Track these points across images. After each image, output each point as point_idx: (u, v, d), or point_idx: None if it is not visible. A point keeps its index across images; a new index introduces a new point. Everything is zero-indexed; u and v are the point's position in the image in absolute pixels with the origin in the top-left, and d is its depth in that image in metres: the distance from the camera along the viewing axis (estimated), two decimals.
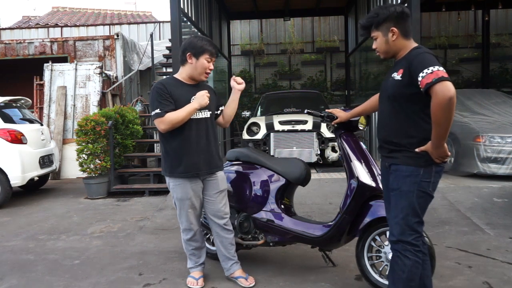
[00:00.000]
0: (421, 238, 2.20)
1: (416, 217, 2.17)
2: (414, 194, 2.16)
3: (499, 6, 10.39)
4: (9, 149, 5.80)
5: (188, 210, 2.85)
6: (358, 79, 10.83)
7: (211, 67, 2.82)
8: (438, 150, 2.08)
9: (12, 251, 3.89)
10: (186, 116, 2.71)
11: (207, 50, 2.77)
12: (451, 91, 1.94)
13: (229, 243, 2.98)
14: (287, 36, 12.70)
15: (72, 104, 8.36)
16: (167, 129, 2.71)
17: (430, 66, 2.01)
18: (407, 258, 2.17)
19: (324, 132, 6.84)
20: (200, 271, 3.01)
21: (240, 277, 2.95)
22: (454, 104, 1.96)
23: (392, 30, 2.19)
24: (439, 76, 1.97)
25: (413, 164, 2.16)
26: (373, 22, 2.26)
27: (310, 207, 4.77)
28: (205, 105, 2.77)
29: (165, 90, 2.75)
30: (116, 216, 5.07)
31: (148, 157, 7.82)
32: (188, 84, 2.85)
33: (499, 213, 4.38)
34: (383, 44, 2.26)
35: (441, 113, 1.97)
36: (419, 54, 2.10)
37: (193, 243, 2.96)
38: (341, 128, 2.86)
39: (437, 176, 2.18)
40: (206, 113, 2.85)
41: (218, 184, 2.92)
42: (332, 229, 2.81)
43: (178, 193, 2.84)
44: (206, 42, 2.81)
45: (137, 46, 10.10)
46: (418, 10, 5.57)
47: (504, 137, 5.61)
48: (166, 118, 2.68)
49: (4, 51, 9.31)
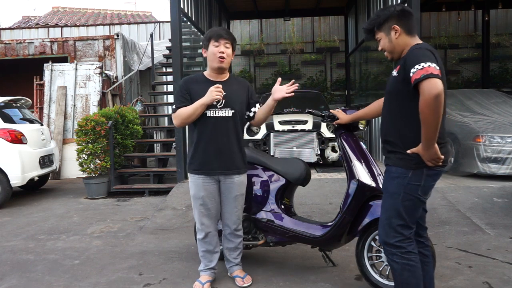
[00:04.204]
0: (407, 241, 2.13)
1: (400, 219, 2.12)
2: (400, 196, 2.11)
3: (499, 6, 10.39)
4: (9, 149, 5.80)
5: (200, 209, 2.82)
6: (358, 79, 10.82)
7: (221, 49, 2.71)
8: (428, 152, 2.00)
9: (12, 251, 3.89)
10: (193, 111, 2.67)
11: (211, 35, 2.75)
12: (437, 89, 1.88)
13: (235, 247, 2.96)
14: (287, 36, 12.70)
15: (72, 104, 8.36)
16: (178, 124, 2.74)
17: (422, 62, 1.95)
18: (394, 262, 2.15)
19: (324, 132, 6.84)
20: (208, 276, 2.93)
21: (237, 277, 2.95)
22: (441, 103, 1.91)
23: (394, 27, 2.18)
24: (428, 72, 1.91)
25: (402, 166, 2.12)
26: (375, 24, 2.26)
27: (310, 207, 4.77)
28: (213, 101, 2.66)
29: (184, 86, 2.77)
30: (116, 216, 5.07)
31: (148, 157, 7.82)
32: (212, 81, 2.78)
33: (499, 213, 4.38)
34: (387, 44, 2.24)
35: (427, 111, 1.91)
36: (414, 50, 2.07)
37: (204, 244, 2.90)
38: (341, 128, 2.86)
39: (429, 180, 2.10)
40: (227, 111, 2.75)
41: (233, 188, 2.83)
42: (332, 229, 2.81)
43: (191, 189, 2.85)
44: (211, 29, 2.81)
45: (137, 46, 10.10)
46: (418, 10, 5.58)
47: (504, 137, 5.61)
48: (178, 114, 2.72)
49: (4, 51, 9.31)
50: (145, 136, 7.76)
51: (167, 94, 9.24)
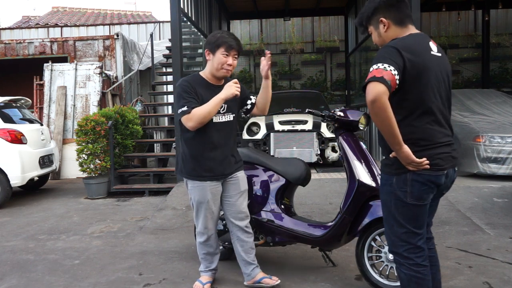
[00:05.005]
0: (416, 251, 2.00)
1: (401, 227, 1.99)
2: (392, 203, 2.00)
3: (499, 6, 10.38)
4: (9, 149, 5.79)
5: (206, 213, 2.75)
6: (358, 79, 10.82)
7: (229, 61, 2.63)
8: (399, 156, 1.89)
9: (12, 251, 3.89)
10: (213, 109, 2.55)
11: (223, 43, 2.60)
12: (373, 94, 1.76)
13: (250, 247, 2.87)
14: (287, 36, 12.70)
15: (72, 104, 8.36)
16: (195, 126, 2.55)
17: (375, 64, 1.84)
18: (402, 272, 2.03)
19: (324, 132, 6.84)
20: (209, 276, 2.92)
21: (264, 278, 2.85)
22: (381, 108, 1.77)
23: (382, 21, 2.02)
24: (372, 76, 1.80)
25: (385, 172, 2.03)
26: (363, 18, 2.11)
27: (310, 207, 4.77)
28: (232, 96, 2.58)
29: (190, 86, 2.63)
30: (116, 216, 5.07)
31: (148, 157, 7.82)
32: (212, 84, 2.72)
33: (499, 213, 4.38)
34: (377, 38, 2.10)
35: (371, 115, 1.82)
36: (381, 49, 1.93)
37: (206, 247, 2.86)
38: (341, 128, 2.86)
39: (418, 185, 1.93)
40: (229, 116, 2.74)
41: (239, 185, 2.82)
42: (332, 229, 2.81)
43: (196, 195, 2.74)
44: (223, 35, 2.64)
45: (137, 46, 10.10)
46: (418, 10, 5.58)
47: (504, 137, 5.61)
48: (193, 115, 2.53)
49: (4, 51, 9.31)
50: (145, 136, 7.76)
51: (167, 94, 9.24)
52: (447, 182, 2.07)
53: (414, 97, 1.91)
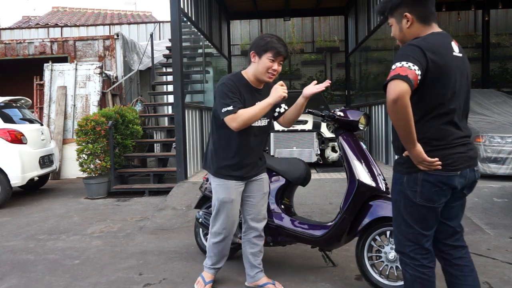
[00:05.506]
0: (422, 252, 1.96)
1: (408, 227, 1.97)
2: (401, 203, 1.98)
3: (499, 6, 10.39)
4: (9, 149, 5.80)
5: (228, 213, 2.71)
6: (358, 79, 10.83)
7: (274, 67, 2.58)
8: (411, 155, 1.87)
9: (12, 251, 3.89)
10: (260, 113, 2.50)
11: (272, 48, 2.55)
12: (395, 92, 1.72)
13: (259, 250, 2.85)
14: (287, 36, 12.70)
15: (72, 104, 8.36)
16: (239, 127, 2.49)
17: (397, 62, 1.79)
18: (407, 272, 2.01)
19: (324, 132, 6.84)
20: (212, 275, 2.91)
21: (268, 284, 2.82)
22: (402, 108, 1.73)
23: (406, 16, 1.93)
24: (396, 73, 1.75)
25: (397, 171, 2.01)
26: (387, 8, 2.02)
27: (310, 207, 4.77)
28: (280, 99, 2.52)
29: (236, 86, 2.56)
30: (116, 216, 5.07)
31: (148, 157, 7.82)
32: (253, 87, 2.67)
33: (499, 213, 4.38)
34: (397, 32, 2.01)
35: (390, 114, 1.79)
36: (403, 46, 1.88)
37: (219, 246, 2.82)
38: (341, 128, 2.86)
39: (426, 185, 1.89)
40: (265, 121, 2.70)
41: (263, 186, 2.81)
42: (332, 229, 2.81)
43: (220, 193, 2.71)
44: (271, 39, 2.59)
45: (137, 46, 10.10)
46: None
47: (504, 137, 5.61)
48: (239, 116, 2.46)
49: (4, 51, 9.31)
50: (145, 136, 7.76)
51: (167, 94, 9.24)
52: (466, 183, 2.03)
53: (433, 98, 1.87)
